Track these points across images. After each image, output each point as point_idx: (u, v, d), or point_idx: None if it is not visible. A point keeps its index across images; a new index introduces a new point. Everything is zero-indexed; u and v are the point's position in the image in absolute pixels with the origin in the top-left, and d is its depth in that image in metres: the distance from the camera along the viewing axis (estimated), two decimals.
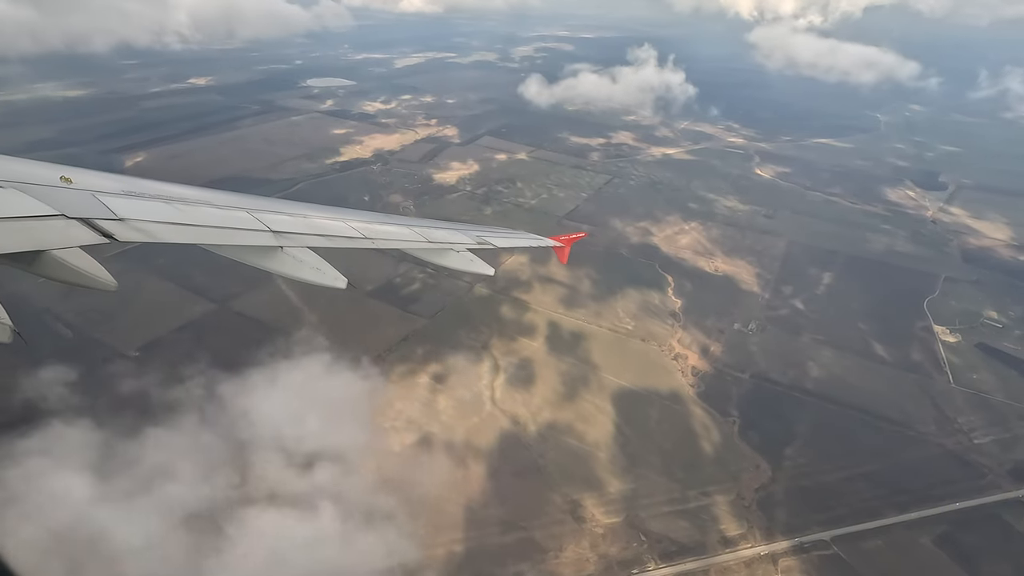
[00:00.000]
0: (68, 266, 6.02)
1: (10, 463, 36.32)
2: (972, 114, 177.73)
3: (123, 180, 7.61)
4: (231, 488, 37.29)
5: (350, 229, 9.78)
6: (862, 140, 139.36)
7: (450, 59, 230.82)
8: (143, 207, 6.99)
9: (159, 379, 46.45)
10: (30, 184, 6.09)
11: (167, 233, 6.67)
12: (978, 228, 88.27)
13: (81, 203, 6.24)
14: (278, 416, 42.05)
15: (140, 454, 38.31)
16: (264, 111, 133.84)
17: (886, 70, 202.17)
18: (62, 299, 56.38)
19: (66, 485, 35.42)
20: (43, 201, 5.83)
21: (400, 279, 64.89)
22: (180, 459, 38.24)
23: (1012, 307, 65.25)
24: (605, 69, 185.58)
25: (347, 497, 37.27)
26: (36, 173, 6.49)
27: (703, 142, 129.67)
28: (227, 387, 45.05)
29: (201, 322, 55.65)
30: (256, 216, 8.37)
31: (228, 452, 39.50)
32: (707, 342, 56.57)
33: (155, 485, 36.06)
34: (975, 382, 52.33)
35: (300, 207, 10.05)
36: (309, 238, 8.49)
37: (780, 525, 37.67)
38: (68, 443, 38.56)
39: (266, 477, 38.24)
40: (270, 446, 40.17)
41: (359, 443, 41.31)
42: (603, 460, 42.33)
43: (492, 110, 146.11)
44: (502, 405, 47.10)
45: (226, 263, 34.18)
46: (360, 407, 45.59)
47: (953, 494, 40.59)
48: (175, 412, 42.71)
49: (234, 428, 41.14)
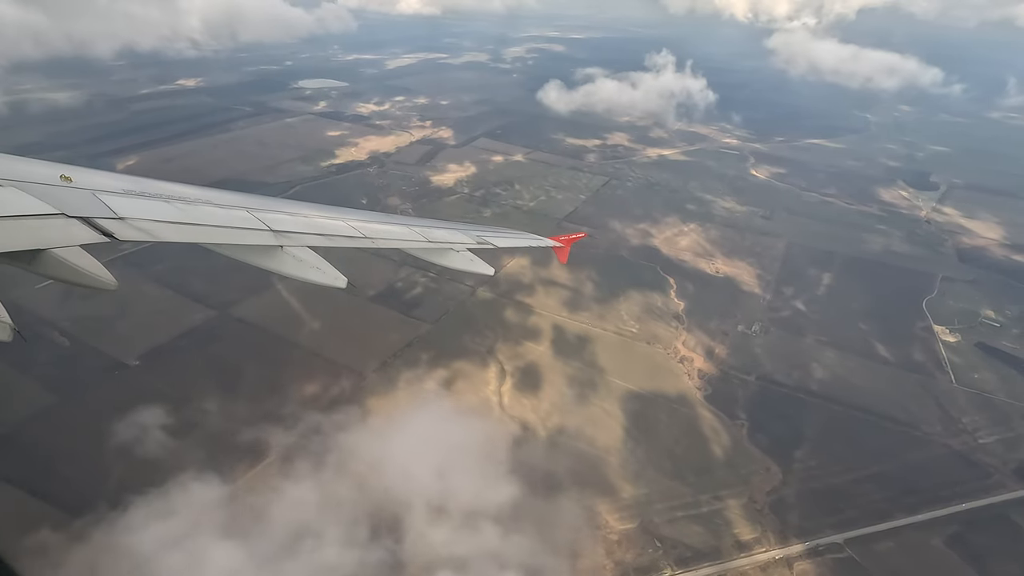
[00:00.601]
0: (68, 265, 6.01)
1: (133, 526, 34.37)
2: (958, 114, 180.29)
3: (123, 179, 7.60)
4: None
5: (350, 229, 9.79)
6: (853, 141, 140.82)
7: (442, 60, 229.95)
8: (143, 206, 6.96)
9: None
10: (30, 183, 6.07)
11: (167, 232, 6.64)
12: (971, 228, 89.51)
13: (81, 202, 6.23)
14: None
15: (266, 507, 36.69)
16: (257, 113, 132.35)
17: (909, 76, 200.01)
18: (57, 307, 55.26)
19: (203, 551, 33.13)
20: (43, 200, 5.81)
21: (401, 283, 64.36)
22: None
23: (1008, 306, 66.17)
24: (615, 73, 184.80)
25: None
26: (36, 172, 6.47)
27: (698, 143, 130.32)
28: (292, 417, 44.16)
29: (202, 329, 54.73)
30: (256, 215, 8.35)
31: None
32: (712, 344, 56.70)
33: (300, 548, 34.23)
34: (976, 381, 52.94)
35: (300, 206, 10.04)
36: (309, 237, 8.47)
37: (793, 528, 37.77)
38: (187, 498, 36.31)
39: None
40: None
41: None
42: (614, 465, 42.22)
43: (487, 111, 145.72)
44: (511, 411, 46.83)
45: (223, 269, 34.38)
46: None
47: (961, 494, 40.97)
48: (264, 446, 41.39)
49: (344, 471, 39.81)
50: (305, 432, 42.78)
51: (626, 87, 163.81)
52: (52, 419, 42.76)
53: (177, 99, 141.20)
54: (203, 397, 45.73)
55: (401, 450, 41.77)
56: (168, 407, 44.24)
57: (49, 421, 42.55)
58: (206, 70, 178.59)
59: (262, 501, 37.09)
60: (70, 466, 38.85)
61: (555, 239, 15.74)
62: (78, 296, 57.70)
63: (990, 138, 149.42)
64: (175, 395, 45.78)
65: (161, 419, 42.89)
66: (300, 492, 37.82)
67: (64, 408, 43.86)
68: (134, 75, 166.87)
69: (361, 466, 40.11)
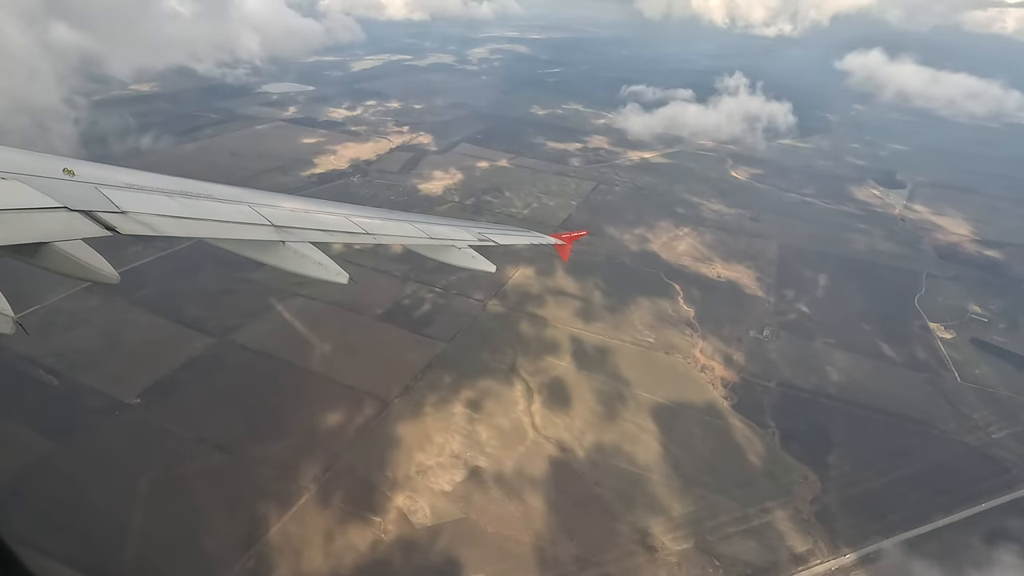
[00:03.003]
0: (71, 258, 5.99)
1: None
2: (907, 112, 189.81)
3: (126, 173, 7.58)
4: None
5: (352, 224, 9.71)
6: (819, 140, 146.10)
7: (407, 62, 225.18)
8: (145, 200, 6.95)
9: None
10: (33, 176, 6.07)
11: (169, 226, 6.62)
12: (942, 224, 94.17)
13: (84, 195, 6.24)
14: None
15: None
16: (224, 120, 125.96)
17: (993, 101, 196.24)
18: (38, 341, 50.63)
19: None
20: (46, 193, 5.82)
21: (409, 300, 62.21)
22: None
23: (990, 301, 69.75)
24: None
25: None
26: (39, 165, 6.46)
27: (675, 145, 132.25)
28: None
29: (204, 359, 51.15)
30: (258, 210, 8.32)
31: None
32: (728, 351, 57.22)
33: None
34: (978, 377, 55.39)
35: (302, 201, 10.06)
36: (311, 233, 8.46)
37: (842, 537, 38.26)
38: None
39: None
40: None
41: None
42: (658, 482, 41.81)
43: (463, 116, 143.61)
44: (544, 431, 45.75)
45: (214, 291, 32.99)
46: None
47: (987, 491, 42.58)
48: None
49: None
50: (339, 469, 40.49)
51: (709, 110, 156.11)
52: (53, 469, 38.81)
53: (135, 106, 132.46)
54: (219, 435, 42.70)
55: (442, 482, 40.19)
56: (182, 449, 41.16)
57: (51, 472, 38.60)
58: (159, 75, 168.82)
59: (306, 549, 34.80)
60: (84, 521, 35.36)
61: (556, 236, 16.05)
62: (60, 327, 53.25)
63: (942, 135, 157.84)
64: (188, 435, 42.58)
65: (177, 463, 39.79)
66: (348, 537, 35.70)
67: (65, 456, 39.94)
68: (81, 80, 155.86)
69: (406, 502, 38.30)
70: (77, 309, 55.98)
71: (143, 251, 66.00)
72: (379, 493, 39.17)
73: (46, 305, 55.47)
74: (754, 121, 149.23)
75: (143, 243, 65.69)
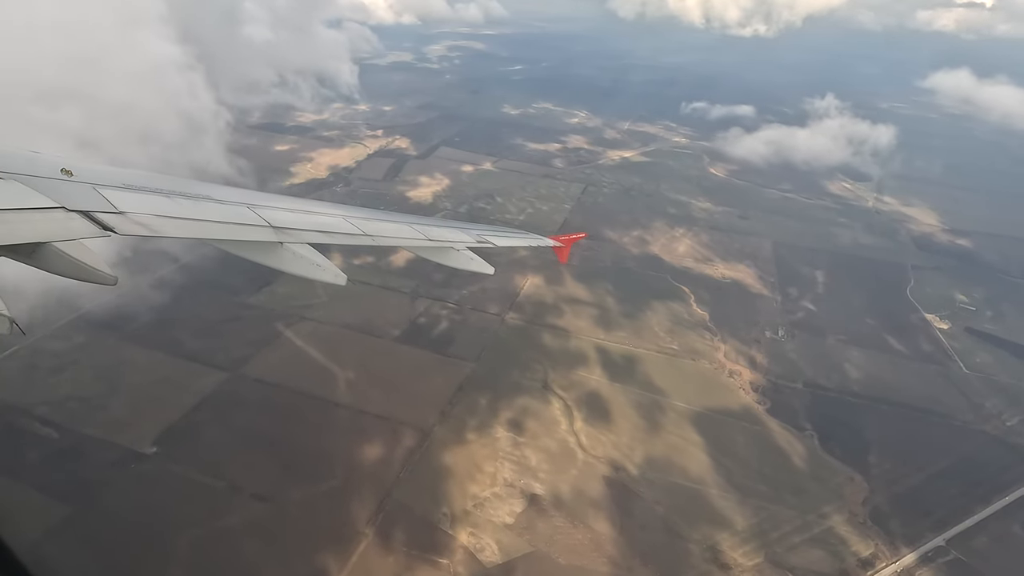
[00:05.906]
0: (68, 259, 5.94)
1: None
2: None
3: (124, 173, 7.51)
4: None
5: (350, 226, 9.75)
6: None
7: (366, 61, 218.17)
8: (143, 201, 6.91)
9: None
10: (31, 176, 6.02)
11: (168, 227, 6.63)
12: (913, 215, 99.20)
13: (82, 196, 6.22)
14: None
15: None
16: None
17: None
18: (24, 390, 45.64)
19: None
20: (44, 193, 5.79)
21: (424, 319, 59.85)
22: None
23: (973, 289, 73.85)
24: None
25: None
26: (37, 165, 6.41)
27: (651, 143, 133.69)
28: None
29: (217, 397, 47.31)
30: (257, 211, 8.32)
31: None
32: (750, 353, 58.02)
33: None
34: (980, 365, 58.41)
35: (301, 203, 10.12)
36: (309, 234, 8.50)
37: (899, 537, 39.29)
38: None
39: None
40: None
41: None
42: (715, 496, 41.73)
43: (436, 117, 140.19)
44: (593, 451, 44.85)
45: (212, 320, 31.29)
46: None
47: (1016, 479, 44.79)
48: None
49: None
50: (392, 508, 38.24)
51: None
52: (75, 536, 34.83)
53: None
54: (253, 482, 39.56)
55: (502, 514, 38.65)
56: (216, 501, 37.85)
57: (72, 539, 34.61)
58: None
59: None
60: None
61: (555, 238, 16.06)
62: (45, 371, 48.12)
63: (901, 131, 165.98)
64: (218, 484, 39.25)
65: (215, 518, 36.54)
66: None
67: (85, 519, 35.93)
68: None
69: (471, 539, 36.56)
70: (61, 349, 50.73)
71: (123, 280, 60.62)
72: (440, 532, 37.32)
73: (25, 346, 49.93)
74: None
75: (122, 267, 60.33)
